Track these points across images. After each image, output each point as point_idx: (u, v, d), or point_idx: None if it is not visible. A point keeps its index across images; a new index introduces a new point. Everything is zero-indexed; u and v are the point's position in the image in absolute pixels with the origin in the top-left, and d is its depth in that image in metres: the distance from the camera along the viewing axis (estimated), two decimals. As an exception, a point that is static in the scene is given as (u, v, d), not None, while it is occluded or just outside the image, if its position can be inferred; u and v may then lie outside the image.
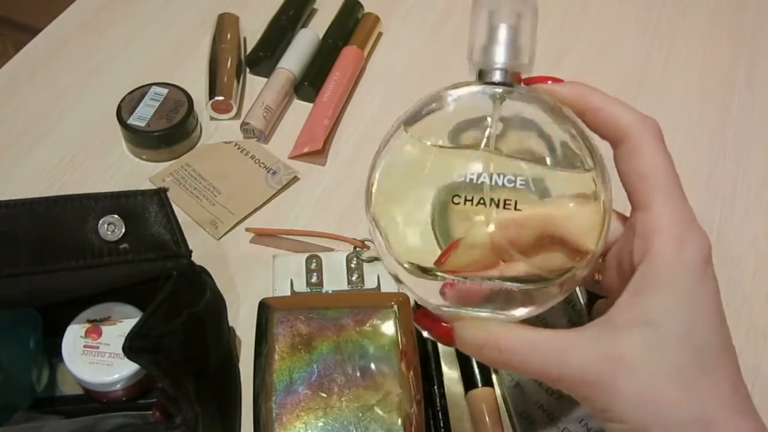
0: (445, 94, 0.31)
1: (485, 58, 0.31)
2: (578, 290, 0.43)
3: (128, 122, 0.56)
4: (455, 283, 0.30)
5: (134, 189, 0.39)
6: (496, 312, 0.31)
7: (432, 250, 0.30)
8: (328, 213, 0.54)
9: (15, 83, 0.62)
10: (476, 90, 0.31)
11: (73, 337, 0.40)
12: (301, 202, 0.54)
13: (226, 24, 0.64)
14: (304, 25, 0.68)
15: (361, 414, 0.38)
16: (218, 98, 0.59)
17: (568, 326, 0.32)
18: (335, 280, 0.48)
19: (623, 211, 0.32)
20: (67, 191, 0.43)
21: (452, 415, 0.42)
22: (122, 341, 0.35)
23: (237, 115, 0.60)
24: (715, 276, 0.29)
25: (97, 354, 0.39)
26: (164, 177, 0.55)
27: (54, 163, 0.56)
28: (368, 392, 0.38)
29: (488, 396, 0.42)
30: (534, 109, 0.31)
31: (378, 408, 0.38)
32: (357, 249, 0.49)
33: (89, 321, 0.40)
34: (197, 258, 0.40)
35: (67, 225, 0.37)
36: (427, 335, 0.32)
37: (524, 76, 0.31)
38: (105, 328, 0.40)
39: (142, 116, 0.56)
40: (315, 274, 0.48)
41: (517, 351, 0.29)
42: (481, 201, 0.28)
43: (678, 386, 0.27)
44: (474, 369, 0.43)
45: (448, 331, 0.31)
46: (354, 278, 0.48)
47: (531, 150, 0.30)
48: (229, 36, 0.63)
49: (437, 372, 0.43)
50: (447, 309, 0.31)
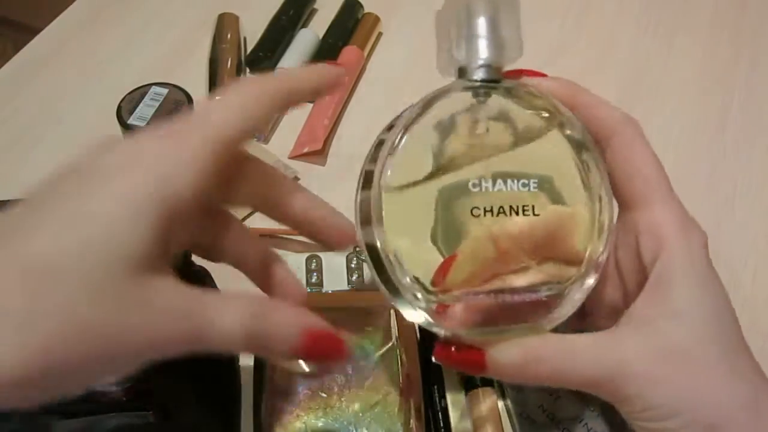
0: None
1: (466, 55, 0.29)
2: None
3: (128, 122, 0.55)
4: (472, 304, 0.28)
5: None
6: (521, 325, 0.28)
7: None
8: (328, 213, 0.54)
9: (15, 83, 0.62)
10: (457, 92, 0.29)
11: (73, 337, 0.40)
12: (301, 202, 0.54)
13: (226, 24, 0.64)
14: (304, 25, 0.68)
15: (361, 414, 0.38)
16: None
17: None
18: (335, 280, 0.48)
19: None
20: (67, 191, 0.43)
21: (452, 416, 0.42)
22: (122, 341, 0.35)
23: (237, 115, 0.60)
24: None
25: (97, 354, 0.39)
26: (164, 177, 0.55)
27: (54, 163, 0.56)
28: (368, 392, 0.38)
29: (488, 396, 0.42)
30: (523, 105, 0.29)
31: (378, 408, 0.38)
32: (357, 249, 0.49)
33: (89, 321, 0.40)
34: (197, 257, 0.40)
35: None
36: (451, 366, 0.30)
37: (506, 69, 0.30)
38: (105, 328, 0.40)
39: (143, 116, 0.56)
40: (315, 274, 0.48)
41: (558, 358, 0.28)
42: (501, 210, 0.28)
43: (726, 369, 0.27)
44: (474, 369, 0.43)
45: (480, 358, 0.28)
46: (354, 278, 0.48)
47: (529, 148, 0.29)
48: (230, 36, 0.63)
49: (437, 372, 0.43)
50: (466, 334, 0.29)
